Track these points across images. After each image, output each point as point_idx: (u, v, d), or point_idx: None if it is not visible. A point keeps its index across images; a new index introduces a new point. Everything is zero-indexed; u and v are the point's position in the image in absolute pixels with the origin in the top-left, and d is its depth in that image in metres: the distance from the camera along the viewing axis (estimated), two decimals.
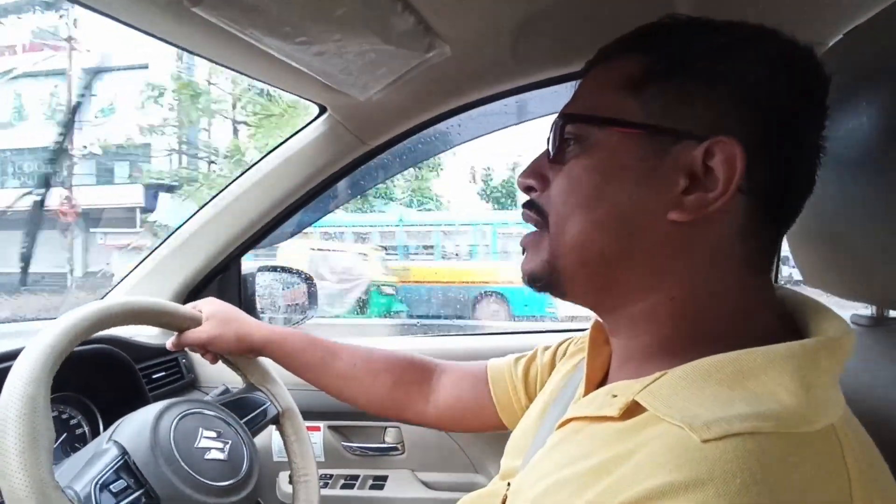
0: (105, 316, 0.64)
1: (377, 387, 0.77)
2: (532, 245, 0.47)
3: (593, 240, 0.43)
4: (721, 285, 0.41)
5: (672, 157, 0.41)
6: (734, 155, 0.38)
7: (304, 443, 0.80)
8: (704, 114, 0.40)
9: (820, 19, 0.78)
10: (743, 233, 0.41)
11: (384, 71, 0.78)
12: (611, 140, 0.43)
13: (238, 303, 1.21)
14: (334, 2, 0.60)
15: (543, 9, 0.74)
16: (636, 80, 0.42)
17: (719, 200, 0.39)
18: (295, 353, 0.78)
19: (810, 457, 0.32)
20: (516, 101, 0.97)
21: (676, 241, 0.41)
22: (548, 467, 0.42)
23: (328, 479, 1.09)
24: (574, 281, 0.45)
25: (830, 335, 0.38)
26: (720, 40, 0.41)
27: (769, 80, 0.40)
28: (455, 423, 0.76)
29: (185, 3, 0.52)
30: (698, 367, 0.38)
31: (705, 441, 0.32)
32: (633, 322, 0.44)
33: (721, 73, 0.40)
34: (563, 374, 0.59)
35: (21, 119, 9.77)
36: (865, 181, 0.48)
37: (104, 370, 0.89)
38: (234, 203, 1.07)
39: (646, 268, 0.42)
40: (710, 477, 0.30)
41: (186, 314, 0.78)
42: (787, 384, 0.34)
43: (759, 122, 0.40)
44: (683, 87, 0.41)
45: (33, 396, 0.52)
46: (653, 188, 0.41)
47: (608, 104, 0.43)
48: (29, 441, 0.50)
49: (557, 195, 0.45)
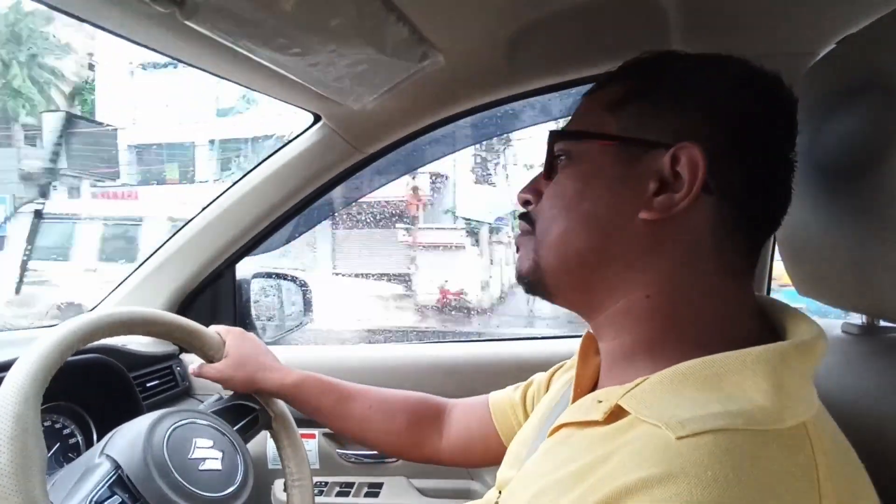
0: (111, 326, 0.65)
1: (394, 427, 0.78)
2: (521, 245, 0.52)
3: (572, 239, 0.47)
4: (696, 286, 0.44)
5: (644, 164, 0.44)
6: (696, 159, 0.42)
7: (298, 447, 0.80)
8: (674, 125, 0.44)
9: (812, 29, 0.79)
10: (713, 234, 0.43)
11: (378, 80, 0.78)
12: (591, 152, 0.47)
13: (233, 310, 1.21)
14: (328, 13, 0.60)
15: (536, 20, 0.75)
16: (617, 101, 0.47)
17: (685, 200, 0.42)
18: (310, 398, 0.78)
19: (780, 452, 0.34)
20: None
21: (648, 238, 0.44)
22: (537, 473, 0.44)
23: (323, 487, 1.09)
24: (557, 279, 0.49)
25: (803, 338, 0.40)
26: (689, 62, 0.47)
27: (733, 94, 0.44)
28: (466, 457, 0.77)
29: (178, 17, 0.52)
30: (677, 370, 0.40)
31: (680, 438, 0.34)
32: (614, 322, 0.47)
33: (688, 89, 0.45)
34: (558, 389, 0.61)
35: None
36: (855, 192, 0.48)
37: (97, 379, 0.89)
38: (229, 210, 1.07)
39: (621, 265, 0.45)
40: (682, 471, 0.32)
41: (205, 335, 0.78)
42: (760, 384, 0.36)
43: (723, 130, 0.43)
44: (656, 102, 0.45)
45: (24, 416, 0.52)
46: (626, 192, 0.45)
47: (591, 123, 0.48)
48: (22, 462, 0.49)
49: (545, 203, 0.50)
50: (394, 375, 1.09)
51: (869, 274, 0.48)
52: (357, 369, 1.11)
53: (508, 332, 5.81)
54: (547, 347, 1.12)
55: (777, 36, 0.80)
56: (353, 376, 0.88)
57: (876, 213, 0.45)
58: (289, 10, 0.57)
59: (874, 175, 0.45)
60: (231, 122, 9.02)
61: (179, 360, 1.13)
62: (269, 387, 0.78)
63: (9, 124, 10.67)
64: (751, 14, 0.78)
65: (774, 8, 0.77)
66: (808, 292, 0.60)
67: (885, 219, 0.45)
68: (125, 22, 0.58)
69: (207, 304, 1.18)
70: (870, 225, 0.47)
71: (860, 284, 0.50)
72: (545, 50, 0.82)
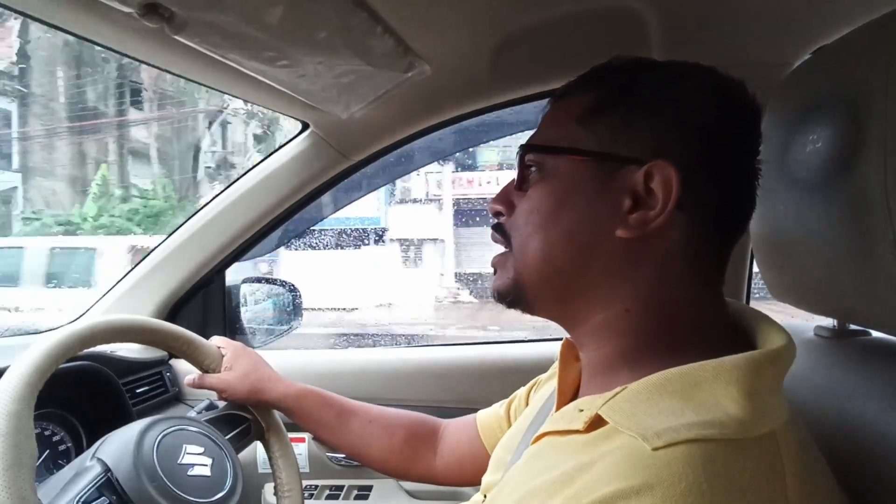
0: (108, 332, 0.66)
1: (392, 443, 0.79)
2: (500, 265, 0.51)
3: (551, 256, 0.47)
4: (672, 297, 0.45)
5: (618, 180, 0.44)
6: (670, 177, 0.42)
7: (290, 458, 0.80)
8: (646, 139, 0.44)
9: (787, 40, 0.81)
10: (687, 247, 0.44)
11: (365, 90, 0.79)
12: (565, 167, 0.47)
13: (222, 315, 1.22)
14: (315, 26, 0.62)
15: (519, 30, 0.76)
16: (587, 112, 0.46)
17: (659, 218, 0.43)
18: (311, 412, 0.79)
19: (750, 460, 0.35)
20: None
21: (625, 255, 0.45)
22: (520, 480, 0.45)
23: (313, 490, 1.09)
24: (537, 295, 0.49)
25: (773, 346, 0.41)
26: (659, 75, 0.46)
27: (705, 108, 0.44)
28: (459, 474, 0.78)
29: (167, 31, 0.53)
30: (653, 380, 0.41)
31: (655, 449, 0.35)
32: (595, 334, 0.48)
33: (661, 103, 0.45)
34: (539, 399, 0.62)
35: None
36: (826, 200, 0.49)
37: (87, 386, 0.89)
38: (218, 217, 1.08)
39: (600, 281, 0.46)
40: (658, 481, 0.33)
41: (203, 346, 0.79)
42: (733, 394, 0.37)
43: (696, 146, 0.44)
44: (628, 116, 0.45)
45: (17, 414, 0.53)
46: (601, 208, 0.45)
47: (564, 135, 0.47)
48: (12, 459, 0.50)
49: (520, 217, 0.49)
50: (383, 379, 1.10)
51: (839, 279, 0.50)
52: (346, 373, 1.12)
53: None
54: (533, 350, 1.13)
55: (754, 46, 0.82)
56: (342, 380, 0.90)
57: (845, 221, 0.47)
58: (276, 24, 0.58)
59: (843, 184, 0.47)
60: None
61: (169, 366, 1.14)
62: (272, 398, 0.78)
63: None
64: (729, 25, 0.80)
65: (752, 19, 0.79)
66: (781, 297, 0.62)
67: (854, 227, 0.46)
68: (116, 37, 0.59)
69: (197, 309, 1.18)
70: (839, 232, 0.48)
71: (831, 289, 0.52)
72: (528, 60, 0.84)
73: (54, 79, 8.22)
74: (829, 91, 0.51)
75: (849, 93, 0.47)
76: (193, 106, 8.53)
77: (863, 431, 0.46)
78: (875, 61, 0.43)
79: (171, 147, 9.05)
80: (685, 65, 0.47)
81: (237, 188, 1.07)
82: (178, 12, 0.52)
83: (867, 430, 0.46)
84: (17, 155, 7.97)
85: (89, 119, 8.56)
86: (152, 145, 8.80)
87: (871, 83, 0.43)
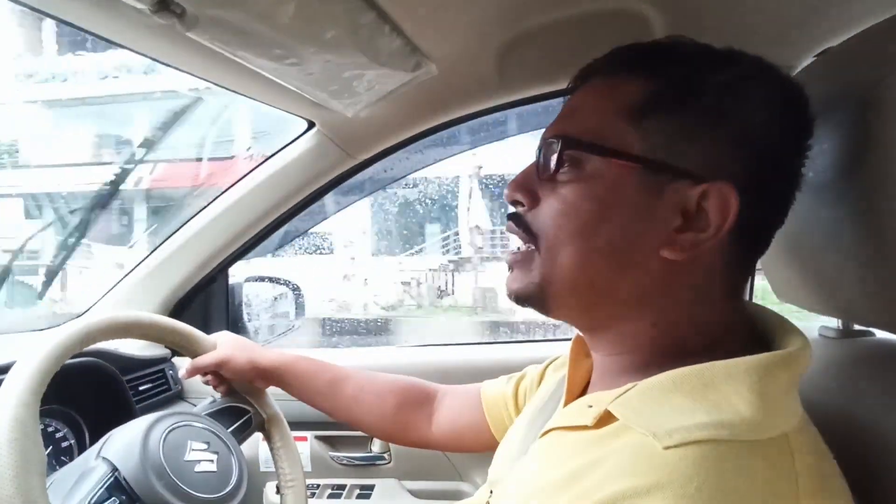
0: (108, 329, 0.66)
1: (384, 409, 0.78)
2: (521, 265, 0.47)
3: (586, 269, 0.43)
4: (701, 315, 0.43)
5: (668, 194, 0.41)
6: (728, 200, 0.39)
7: (291, 449, 0.81)
8: (704, 153, 0.40)
9: (791, 42, 0.82)
10: (726, 268, 0.43)
11: (372, 89, 0.80)
12: (610, 171, 0.42)
13: (225, 313, 1.22)
14: (324, 25, 0.62)
15: (526, 31, 0.77)
16: (639, 107, 0.42)
17: (710, 241, 0.40)
18: (306, 377, 0.79)
19: (762, 462, 0.34)
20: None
21: (666, 276, 0.42)
22: (528, 474, 0.44)
23: (315, 489, 1.10)
24: (561, 303, 0.46)
25: (790, 349, 0.40)
26: (726, 76, 0.41)
27: (768, 121, 0.41)
28: (455, 443, 0.78)
29: (178, 28, 0.53)
30: (665, 378, 0.40)
31: (667, 448, 0.34)
32: (614, 342, 0.46)
33: (725, 113, 0.41)
34: (550, 387, 0.61)
35: None
36: (830, 203, 0.50)
37: (90, 382, 0.89)
38: (223, 215, 1.08)
39: (633, 298, 0.43)
40: (669, 481, 0.33)
41: (202, 339, 0.80)
42: (745, 395, 0.37)
43: (755, 166, 0.41)
44: (686, 122, 0.41)
45: (23, 419, 0.53)
46: (648, 224, 0.41)
47: (608, 131, 0.42)
48: (22, 465, 0.50)
49: (550, 218, 0.44)
50: None
51: (844, 280, 0.50)
52: None
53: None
54: (537, 351, 1.13)
55: (760, 49, 0.81)
56: None
57: (850, 222, 0.47)
58: (286, 23, 0.59)
59: (849, 186, 0.47)
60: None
61: (171, 363, 1.14)
62: (268, 364, 0.78)
63: None
64: (735, 27, 0.80)
65: (758, 22, 0.79)
66: (786, 297, 0.62)
67: (859, 228, 0.47)
68: (126, 33, 0.60)
69: (200, 307, 1.19)
70: (845, 234, 0.48)
71: (836, 290, 0.52)
72: (535, 60, 0.84)
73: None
74: (835, 93, 0.51)
75: (855, 94, 0.47)
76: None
77: (867, 430, 0.46)
78: (883, 61, 0.44)
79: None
80: (752, 62, 0.42)
81: (241, 186, 1.07)
82: (189, 9, 0.53)
83: (871, 430, 0.46)
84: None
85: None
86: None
87: (879, 83, 0.43)
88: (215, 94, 1.61)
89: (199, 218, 1.09)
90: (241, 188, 1.07)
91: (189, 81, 0.85)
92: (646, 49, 0.44)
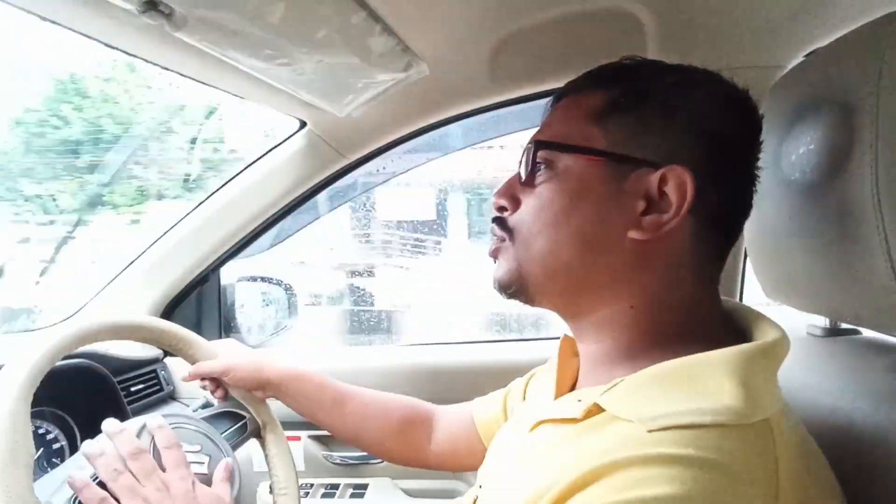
0: (100, 332, 0.66)
1: (387, 426, 0.79)
2: (499, 254, 0.51)
3: (560, 255, 0.47)
4: (675, 295, 0.46)
5: (631, 182, 0.45)
6: (685, 182, 0.43)
7: (286, 456, 0.80)
8: (661, 142, 0.45)
9: (781, 41, 0.82)
10: (694, 249, 0.46)
11: (363, 89, 0.80)
12: (577, 166, 0.47)
13: (217, 314, 1.22)
14: (315, 25, 0.62)
15: (517, 31, 0.77)
16: (601, 111, 0.47)
17: (672, 221, 0.44)
18: (310, 392, 0.79)
19: (742, 445, 0.36)
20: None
21: (635, 256, 0.45)
22: (516, 464, 0.46)
23: (308, 489, 1.10)
24: (541, 288, 0.49)
25: (766, 340, 0.43)
26: (674, 79, 0.47)
27: (718, 115, 0.45)
28: (453, 462, 0.78)
29: (167, 28, 0.53)
30: (650, 372, 0.42)
31: (651, 431, 0.36)
32: (597, 328, 0.49)
33: (676, 107, 0.45)
34: (539, 387, 0.63)
35: None
36: (819, 201, 0.50)
37: (82, 384, 0.89)
38: (214, 215, 1.08)
39: (608, 280, 0.47)
40: (657, 456, 0.35)
41: (203, 345, 0.79)
42: (726, 384, 0.39)
43: (709, 152, 0.45)
44: (643, 117, 0.46)
45: (15, 413, 0.53)
46: (614, 210, 0.45)
47: (576, 133, 0.47)
48: (9, 458, 0.50)
49: (527, 214, 0.49)
50: (377, 378, 1.10)
51: (831, 279, 0.51)
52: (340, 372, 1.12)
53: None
54: (528, 350, 1.14)
55: (748, 49, 0.83)
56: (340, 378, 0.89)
57: (837, 222, 0.47)
58: (276, 22, 0.58)
59: (835, 186, 0.48)
60: None
61: (164, 364, 1.13)
62: (273, 375, 0.77)
63: None
64: (724, 28, 0.81)
65: (746, 22, 0.80)
66: (774, 296, 0.63)
67: (845, 228, 0.47)
68: (116, 34, 0.59)
69: (192, 308, 1.18)
70: (831, 233, 0.49)
71: (823, 289, 0.53)
72: (526, 60, 0.84)
73: None
74: (821, 93, 0.52)
75: (841, 95, 0.48)
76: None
77: (852, 426, 0.47)
78: (867, 64, 0.44)
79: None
80: (696, 70, 0.48)
81: (233, 186, 1.07)
82: (177, 10, 0.52)
83: (857, 426, 0.47)
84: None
85: None
86: None
87: (863, 86, 0.44)
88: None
89: (190, 218, 1.09)
90: (232, 188, 1.06)
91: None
92: (606, 67, 0.50)
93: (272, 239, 1.21)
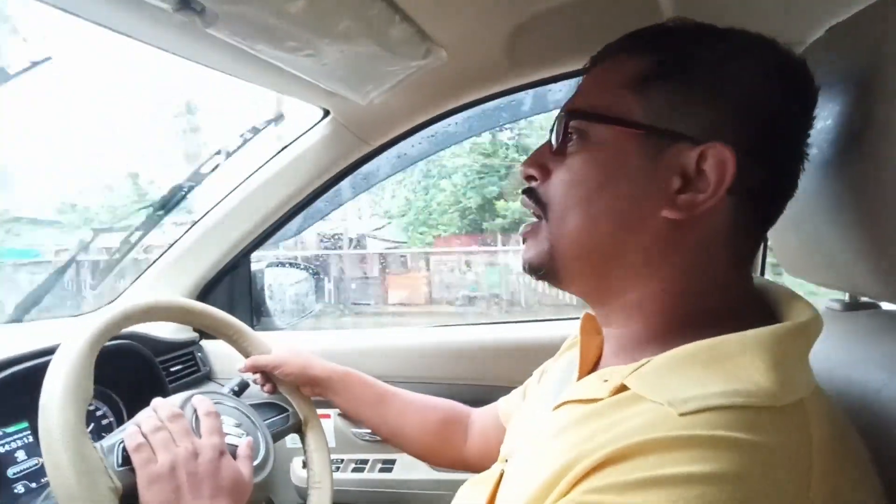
0: (157, 312, 0.72)
1: (426, 427, 0.81)
2: (532, 235, 0.49)
3: (592, 232, 0.45)
4: (708, 277, 0.44)
5: (668, 157, 0.42)
6: (725, 161, 0.41)
7: (324, 453, 0.83)
8: (702, 117, 0.42)
9: (801, 17, 0.81)
10: (730, 230, 0.43)
11: (384, 77, 0.82)
12: (613, 137, 0.44)
13: (248, 298, 1.26)
14: (337, 17, 0.64)
15: (535, 15, 0.78)
16: (640, 78, 0.44)
17: (709, 201, 0.41)
18: (355, 389, 0.82)
19: (777, 427, 0.35)
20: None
21: (669, 236, 0.43)
22: (540, 442, 0.46)
23: (339, 464, 1.14)
24: (572, 269, 0.47)
25: (799, 320, 0.41)
26: (723, 47, 0.43)
27: (766, 89, 0.42)
28: (489, 461, 0.79)
29: (199, 25, 0.56)
30: (680, 352, 0.40)
31: (682, 414, 0.35)
32: (626, 311, 0.47)
33: (722, 79, 0.42)
34: (560, 368, 0.62)
35: None
36: (838, 177, 0.50)
37: (127, 364, 0.94)
38: (244, 203, 1.12)
39: (639, 260, 0.44)
40: (689, 439, 0.33)
41: (259, 341, 0.85)
42: (759, 365, 0.37)
43: (753, 129, 0.42)
44: (685, 89, 0.42)
45: (82, 358, 0.59)
46: (649, 186, 0.43)
47: (612, 102, 0.44)
48: (73, 389, 0.56)
49: (559, 186, 0.47)
50: (400, 359, 1.14)
51: (849, 255, 0.51)
52: (364, 352, 1.16)
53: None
54: (549, 329, 1.15)
55: (768, 25, 0.80)
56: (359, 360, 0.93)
57: (856, 197, 0.47)
58: (300, 15, 0.61)
59: (854, 161, 0.47)
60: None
61: (200, 346, 1.19)
62: (320, 373, 0.82)
63: None
64: (743, 4, 0.80)
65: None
66: (794, 272, 0.63)
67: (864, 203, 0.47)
68: (149, 31, 0.62)
69: (225, 292, 1.23)
70: (850, 209, 0.49)
71: (842, 264, 0.53)
72: (544, 43, 0.85)
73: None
74: (842, 69, 0.51)
75: (862, 70, 0.47)
76: None
77: (873, 400, 0.47)
78: (888, 39, 0.44)
79: None
80: (747, 35, 0.44)
81: (260, 175, 1.11)
82: (208, 6, 0.55)
83: (874, 399, 0.47)
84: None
85: None
86: None
87: (884, 61, 0.43)
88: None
89: (221, 206, 1.13)
90: (259, 177, 1.10)
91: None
92: (648, 30, 0.46)
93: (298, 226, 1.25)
